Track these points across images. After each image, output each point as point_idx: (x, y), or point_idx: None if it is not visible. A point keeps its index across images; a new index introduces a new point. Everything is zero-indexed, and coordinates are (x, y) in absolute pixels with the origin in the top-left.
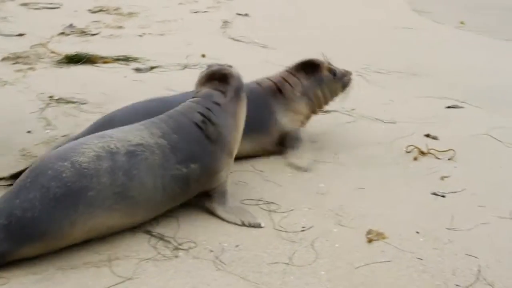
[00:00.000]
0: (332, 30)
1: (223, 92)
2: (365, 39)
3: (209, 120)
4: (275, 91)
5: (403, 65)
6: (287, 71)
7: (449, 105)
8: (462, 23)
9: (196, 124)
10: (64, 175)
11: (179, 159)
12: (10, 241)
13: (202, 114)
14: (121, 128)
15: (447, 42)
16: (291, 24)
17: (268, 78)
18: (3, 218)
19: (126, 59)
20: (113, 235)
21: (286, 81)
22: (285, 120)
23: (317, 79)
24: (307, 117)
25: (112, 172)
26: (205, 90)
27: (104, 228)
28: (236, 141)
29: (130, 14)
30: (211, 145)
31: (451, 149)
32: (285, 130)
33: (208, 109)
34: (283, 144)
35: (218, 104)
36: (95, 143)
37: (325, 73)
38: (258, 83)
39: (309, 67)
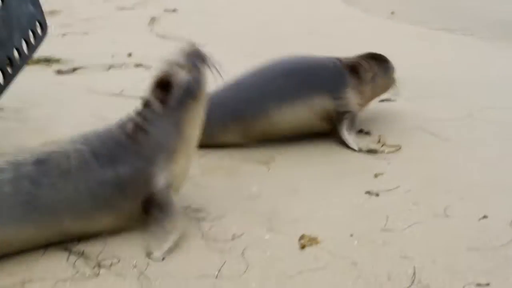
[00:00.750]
0: (261, 24)
1: (162, 101)
2: (294, 32)
3: (141, 128)
4: (352, 69)
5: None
6: (360, 56)
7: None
8: (392, 13)
9: (125, 132)
10: None
11: (102, 163)
12: None
13: (134, 123)
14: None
15: (378, 33)
16: (221, 19)
17: (346, 58)
18: None
19: (47, 61)
20: (29, 254)
21: (361, 64)
22: (352, 98)
23: (385, 68)
24: (366, 103)
25: (15, 181)
26: (146, 97)
27: (18, 242)
28: (181, 149)
29: (52, 12)
30: (143, 150)
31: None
32: (347, 108)
33: (143, 117)
34: (338, 121)
35: (155, 112)
36: (5, 161)
37: (390, 65)
38: (338, 59)
39: (378, 57)
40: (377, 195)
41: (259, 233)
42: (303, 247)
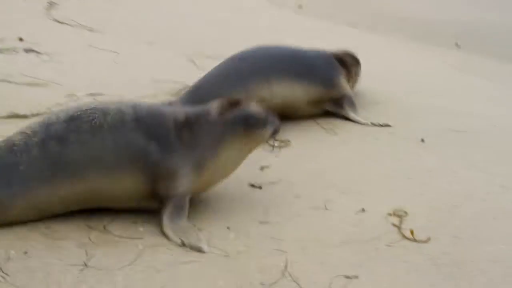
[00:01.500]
0: (165, 14)
1: (221, 113)
2: (200, 24)
3: (190, 124)
4: (340, 60)
5: (233, 49)
6: (343, 51)
7: None
8: (300, 6)
9: (175, 120)
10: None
11: (139, 131)
12: None
13: (187, 115)
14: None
15: (286, 26)
16: (125, 8)
17: (333, 51)
18: None
19: None
20: None
21: (348, 58)
22: (346, 84)
23: (359, 66)
24: None
25: (42, 143)
26: (212, 102)
27: (56, 200)
28: (210, 168)
29: None
30: (179, 145)
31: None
32: (344, 93)
33: (197, 116)
34: (339, 105)
35: (208, 119)
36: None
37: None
38: (327, 51)
39: (353, 55)
40: (260, 187)
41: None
42: None
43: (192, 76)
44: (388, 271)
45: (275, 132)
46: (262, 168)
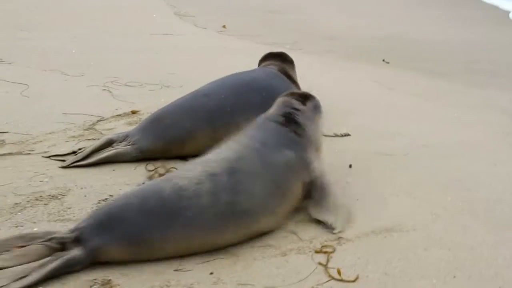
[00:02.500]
0: (82, 37)
1: (302, 102)
2: (117, 47)
3: (293, 119)
4: (288, 76)
5: (158, 76)
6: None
7: None
8: (224, 26)
9: (282, 124)
10: (164, 193)
11: (274, 152)
12: (102, 236)
13: (284, 116)
14: (217, 149)
15: (208, 48)
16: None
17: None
18: (102, 215)
19: None
20: None
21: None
22: None
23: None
24: None
25: (213, 193)
26: (284, 99)
27: (215, 245)
28: (320, 142)
29: None
30: (298, 138)
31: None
32: None
33: (289, 112)
34: None
35: (297, 109)
36: (197, 168)
37: None
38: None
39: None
40: None
41: None
42: None
43: (107, 106)
44: None
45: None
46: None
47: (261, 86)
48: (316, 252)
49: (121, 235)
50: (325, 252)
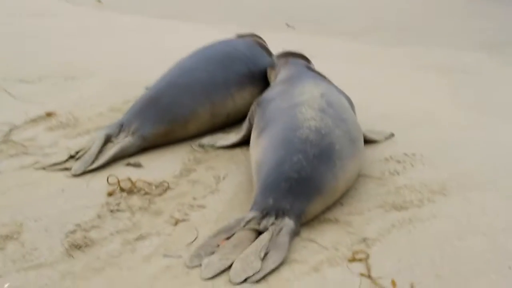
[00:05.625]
0: None
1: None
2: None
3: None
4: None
5: (52, 66)
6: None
7: None
8: (99, 1)
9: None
10: (310, 138)
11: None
12: (298, 201)
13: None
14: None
15: (92, 28)
16: None
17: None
18: (283, 183)
19: None
20: None
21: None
22: None
23: None
24: None
25: (337, 125)
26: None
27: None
28: None
29: None
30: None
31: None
32: None
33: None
34: None
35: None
36: (307, 110)
37: None
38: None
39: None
40: None
41: None
42: None
43: (13, 111)
44: None
45: None
46: None
47: (244, 56)
48: (350, 261)
49: (310, 193)
50: (360, 260)
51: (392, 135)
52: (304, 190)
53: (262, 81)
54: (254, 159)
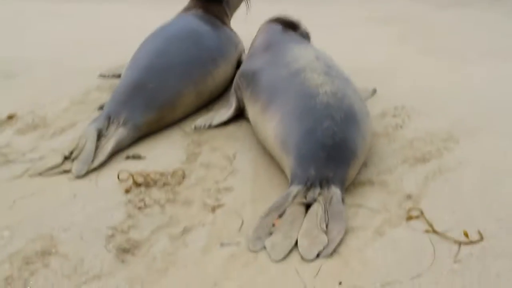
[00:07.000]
0: None
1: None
2: None
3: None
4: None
5: None
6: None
7: None
8: None
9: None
10: (331, 102)
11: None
12: (339, 167)
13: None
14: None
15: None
16: None
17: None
18: (321, 151)
19: None
20: None
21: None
22: None
23: (224, 2)
24: None
25: (345, 85)
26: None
27: None
28: None
29: None
30: None
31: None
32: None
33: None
34: None
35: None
36: (312, 75)
37: None
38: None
39: None
40: None
41: None
42: None
43: None
44: None
45: None
46: None
47: (207, 30)
48: (408, 219)
49: (348, 158)
50: (417, 217)
51: (375, 91)
52: (342, 155)
53: (230, 53)
54: (270, 133)
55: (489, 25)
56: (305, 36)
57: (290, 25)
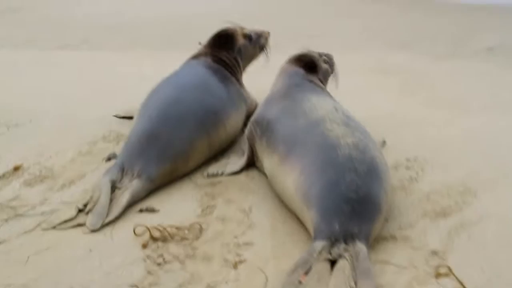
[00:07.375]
0: None
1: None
2: None
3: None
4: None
5: None
6: (206, 47)
7: None
8: None
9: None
10: (353, 155)
11: None
12: (364, 223)
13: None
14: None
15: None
16: None
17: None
18: (345, 205)
19: None
20: None
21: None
22: None
23: (236, 52)
24: None
25: (365, 137)
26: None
27: None
28: None
29: None
30: None
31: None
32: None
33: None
34: None
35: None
36: (332, 126)
37: (241, 41)
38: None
39: (224, 40)
40: None
41: None
42: None
43: None
44: None
45: None
46: None
47: (215, 79)
48: (436, 277)
49: (373, 213)
50: (447, 275)
51: (385, 142)
52: (367, 209)
53: (240, 104)
54: (289, 186)
55: (487, 76)
56: (327, 74)
57: (310, 66)
